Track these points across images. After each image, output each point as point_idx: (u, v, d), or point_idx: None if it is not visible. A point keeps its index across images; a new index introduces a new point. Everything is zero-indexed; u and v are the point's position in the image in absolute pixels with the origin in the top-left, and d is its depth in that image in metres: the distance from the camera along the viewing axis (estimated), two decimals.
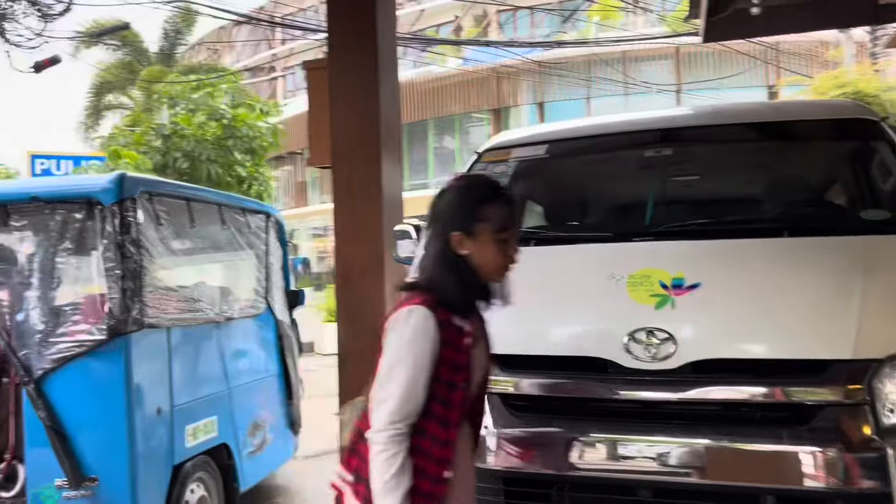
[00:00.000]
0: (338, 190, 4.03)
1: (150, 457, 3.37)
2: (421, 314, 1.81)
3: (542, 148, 3.59)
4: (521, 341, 2.70)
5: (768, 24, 6.89)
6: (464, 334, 1.86)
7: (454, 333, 1.84)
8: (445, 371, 1.81)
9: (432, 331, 1.80)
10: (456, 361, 1.83)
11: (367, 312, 3.92)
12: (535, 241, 3.08)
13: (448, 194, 1.93)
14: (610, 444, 2.48)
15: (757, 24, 6.75)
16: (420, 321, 1.80)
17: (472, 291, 1.91)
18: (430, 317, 1.80)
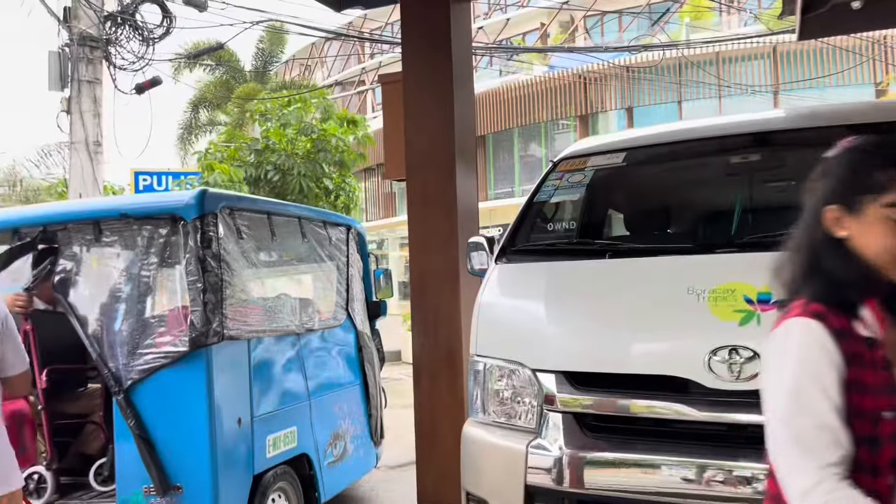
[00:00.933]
0: (412, 202, 4.04)
1: (230, 466, 3.45)
2: (803, 328, 1.35)
3: (619, 156, 3.46)
4: (595, 358, 2.61)
5: (869, 19, 6.47)
6: (875, 345, 1.36)
7: (861, 345, 1.35)
8: (861, 399, 1.32)
9: (828, 347, 1.32)
10: (873, 383, 1.33)
11: (443, 325, 3.90)
12: (611, 253, 2.97)
13: (833, 160, 1.48)
14: (692, 468, 2.35)
15: (856, 18, 6.35)
16: (805, 337, 1.34)
17: (863, 286, 1.40)
18: (817, 328, 1.34)
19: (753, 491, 2.25)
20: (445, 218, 3.92)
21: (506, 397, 2.79)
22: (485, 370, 2.86)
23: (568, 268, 2.96)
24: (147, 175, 11.00)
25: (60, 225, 3.57)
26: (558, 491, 2.52)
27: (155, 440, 3.28)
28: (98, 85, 8.86)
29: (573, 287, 2.87)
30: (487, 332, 2.95)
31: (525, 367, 2.71)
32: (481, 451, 2.83)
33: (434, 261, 3.95)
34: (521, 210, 3.38)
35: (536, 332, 2.80)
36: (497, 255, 3.20)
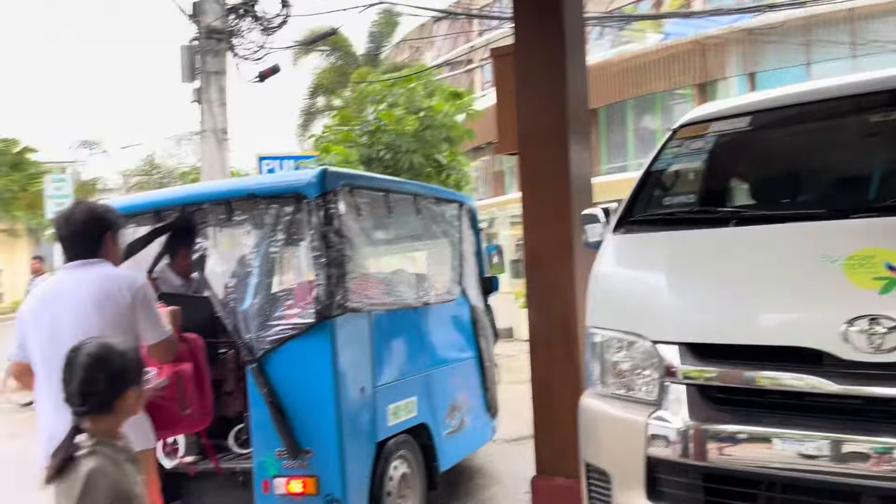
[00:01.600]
0: (525, 176, 4.03)
1: (356, 432, 3.61)
2: None
3: (744, 120, 3.31)
4: (720, 329, 2.53)
5: None
6: None
7: None
8: None
9: None
10: None
11: (557, 299, 3.89)
12: (738, 220, 2.85)
13: None
14: (828, 443, 2.24)
15: None
16: None
17: None
18: None
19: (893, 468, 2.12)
20: (559, 191, 3.89)
21: (624, 369, 2.75)
22: (602, 342, 2.83)
23: (690, 237, 2.87)
24: (270, 160, 11.54)
25: (195, 206, 3.82)
26: (681, 463, 2.47)
27: (285, 407, 3.47)
28: (224, 75, 9.35)
29: (696, 256, 2.79)
30: (604, 304, 2.92)
31: (644, 338, 2.66)
32: (600, 422, 2.81)
33: (548, 235, 3.93)
34: (639, 179, 3.30)
35: (657, 302, 2.74)
36: (614, 226, 3.14)
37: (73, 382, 2.05)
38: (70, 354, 2.09)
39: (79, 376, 2.04)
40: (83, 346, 2.11)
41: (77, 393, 2.04)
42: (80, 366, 2.05)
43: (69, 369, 2.07)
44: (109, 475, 1.97)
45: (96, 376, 2.05)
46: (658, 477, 2.55)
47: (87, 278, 2.74)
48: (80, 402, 2.05)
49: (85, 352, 2.08)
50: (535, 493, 3.99)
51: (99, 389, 2.05)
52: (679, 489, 2.49)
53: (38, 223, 26.28)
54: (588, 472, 2.87)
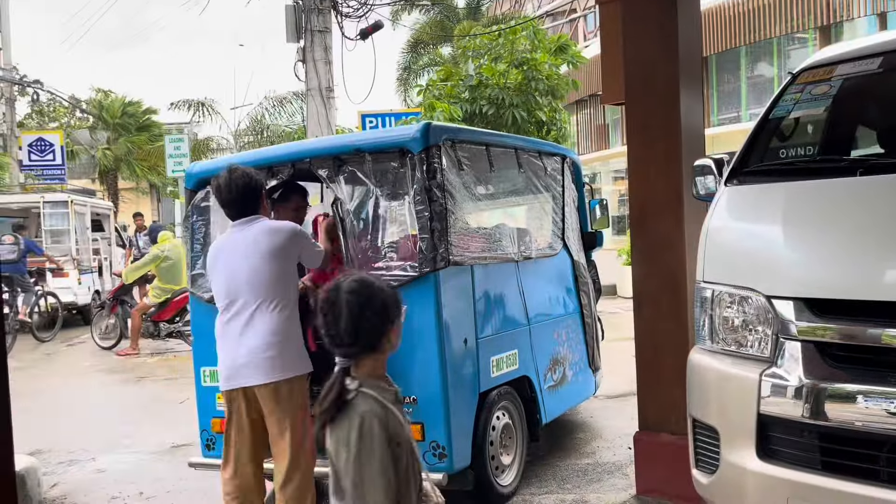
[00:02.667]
0: (632, 126, 3.90)
1: (459, 382, 3.69)
2: None
3: (874, 61, 3.06)
4: (840, 284, 2.40)
5: None
6: None
7: None
8: None
9: None
10: None
11: (665, 252, 3.78)
12: (864, 170, 2.67)
13: None
14: None
15: None
16: None
17: None
18: None
19: None
20: (669, 142, 3.75)
21: (736, 325, 2.67)
22: (713, 297, 2.75)
23: (810, 187, 2.72)
24: (373, 117, 11.72)
25: (305, 161, 3.95)
26: (797, 422, 2.38)
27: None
28: (328, 34, 9.52)
29: (816, 208, 2.64)
30: (717, 258, 2.82)
31: (759, 293, 2.56)
32: (710, 378, 2.75)
33: (656, 187, 3.81)
34: (755, 127, 3.13)
35: (772, 256, 2.62)
36: (727, 177, 3.01)
37: (339, 322, 1.88)
38: (331, 294, 1.92)
39: (346, 315, 1.88)
40: (343, 284, 1.94)
41: (347, 332, 1.88)
42: (346, 304, 1.88)
43: (332, 309, 1.90)
44: (382, 417, 1.86)
45: (365, 314, 1.89)
46: (771, 435, 2.47)
47: (256, 233, 3.35)
48: (350, 342, 1.89)
49: (348, 290, 1.91)
50: (639, 448, 3.96)
51: (368, 327, 1.90)
52: (794, 449, 2.41)
53: (160, 180, 27.93)
54: (695, 429, 2.82)
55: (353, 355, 1.92)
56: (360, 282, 1.96)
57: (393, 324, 1.98)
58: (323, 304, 1.94)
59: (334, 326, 1.91)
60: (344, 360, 1.92)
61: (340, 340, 1.91)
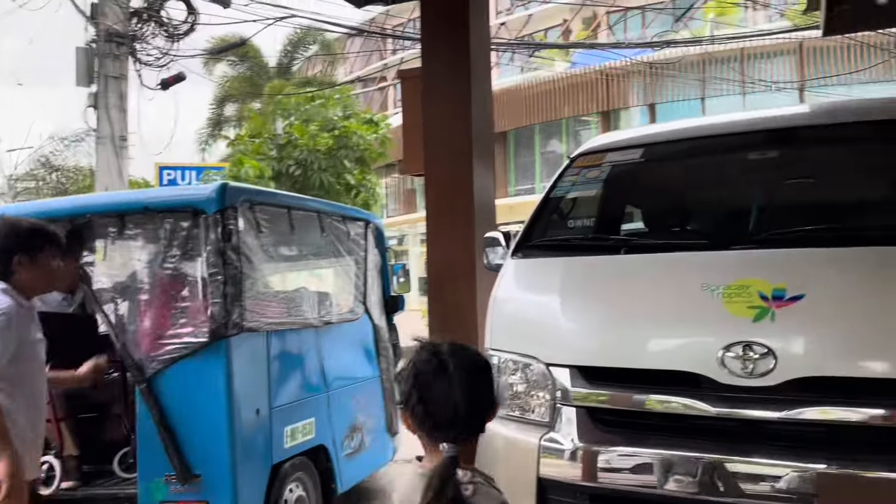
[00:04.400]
0: (430, 197, 4.07)
1: (249, 456, 3.51)
2: None
3: (637, 151, 3.47)
4: (608, 353, 2.62)
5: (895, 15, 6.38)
6: None
7: None
8: None
9: None
10: None
11: (459, 318, 3.93)
12: (628, 248, 2.97)
13: None
14: (705, 465, 2.35)
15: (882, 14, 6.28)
16: None
17: None
18: None
19: (770, 487, 2.24)
20: (462, 213, 3.95)
21: (519, 391, 2.81)
22: (499, 364, 2.88)
23: (583, 263, 2.97)
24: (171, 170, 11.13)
25: (86, 217, 3.65)
26: (571, 484, 2.53)
27: (176, 429, 3.34)
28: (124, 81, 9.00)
29: (588, 282, 2.88)
30: (502, 327, 2.97)
31: (539, 361, 2.73)
32: (494, 443, 2.84)
33: (451, 255, 3.98)
34: (538, 206, 3.39)
35: (551, 326, 2.81)
36: (513, 250, 3.21)
37: (452, 397, 1.55)
38: (431, 363, 1.59)
39: (463, 389, 1.55)
40: (444, 350, 1.62)
41: (466, 414, 1.56)
42: (460, 376, 1.57)
43: (437, 380, 1.57)
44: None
45: (484, 392, 1.62)
46: (549, 498, 2.60)
47: None
48: (465, 420, 1.56)
49: (456, 358, 1.59)
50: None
51: (485, 407, 1.62)
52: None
53: None
54: None
55: (464, 440, 1.58)
56: (466, 348, 1.68)
57: (497, 401, 1.69)
58: (422, 375, 1.59)
59: (442, 403, 1.55)
60: (452, 446, 1.54)
61: (451, 421, 1.56)
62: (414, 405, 1.59)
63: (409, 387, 1.60)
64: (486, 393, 1.63)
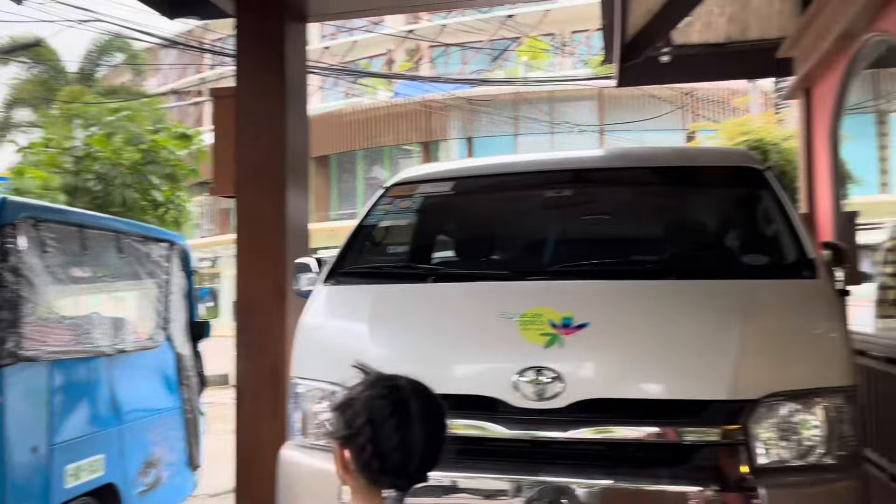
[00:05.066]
0: (241, 220, 3.95)
1: (22, 499, 3.16)
2: None
3: (448, 184, 3.61)
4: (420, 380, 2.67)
5: (677, 72, 7.23)
6: None
7: None
8: None
9: None
10: None
11: (268, 346, 3.83)
12: (434, 277, 3.08)
13: None
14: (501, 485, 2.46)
15: (667, 71, 7.08)
16: None
17: None
18: None
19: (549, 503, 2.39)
20: (274, 237, 3.87)
21: (325, 419, 2.79)
22: (305, 393, 2.84)
23: (391, 291, 3.03)
24: None
25: None
26: None
27: None
28: None
29: (395, 310, 2.94)
30: (309, 354, 2.94)
31: (345, 388, 2.72)
32: (298, 473, 2.80)
33: (261, 281, 3.88)
34: (351, 233, 3.41)
35: (358, 353, 2.79)
36: (325, 277, 3.20)
37: (410, 445, 1.39)
38: (388, 399, 1.43)
39: (421, 431, 1.41)
40: (404, 385, 1.46)
41: (421, 456, 1.41)
42: (420, 417, 1.42)
43: (392, 420, 1.40)
44: None
45: (442, 439, 1.47)
46: None
47: None
48: (418, 468, 1.41)
49: (418, 396, 1.45)
50: None
51: (440, 451, 1.45)
52: None
53: None
54: None
55: (410, 486, 1.45)
56: (427, 388, 1.51)
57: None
58: (377, 412, 1.42)
59: (396, 446, 1.39)
60: (398, 494, 1.44)
61: (403, 467, 1.40)
62: (362, 445, 1.42)
63: (361, 423, 1.43)
64: (444, 439, 1.49)
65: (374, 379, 1.52)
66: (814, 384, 2.44)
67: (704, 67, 7.24)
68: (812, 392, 2.43)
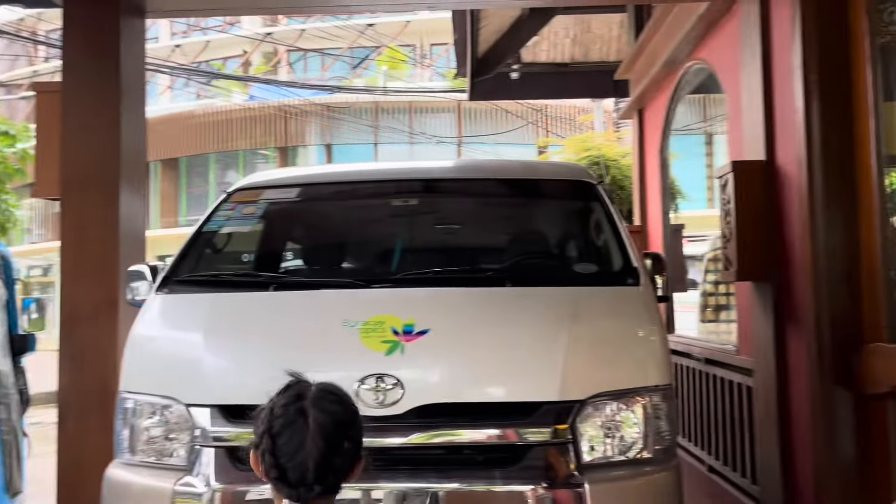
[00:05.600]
0: (67, 224, 3.67)
1: None
2: None
3: (294, 191, 3.56)
4: (250, 390, 2.59)
5: (526, 88, 7.57)
6: None
7: None
8: None
9: None
10: None
11: (95, 361, 3.58)
12: (276, 286, 3.01)
13: None
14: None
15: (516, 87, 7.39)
16: None
17: None
18: None
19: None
20: (104, 243, 3.62)
21: (156, 435, 2.65)
22: (135, 407, 2.69)
23: (230, 300, 2.94)
24: None
25: None
26: None
27: None
28: None
29: (234, 319, 2.85)
30: (140, 367, 2.79)
31: (179, 402, 2.60)
32: (125, 493, 2.64)
33: (89, 289, 3.62)
34: (189, 239, 3.27)
35: (193, 365, 2.71)
36: (158, 286, 3.05)
37: (304, 450, 1.37)
38: (288, 407, 1.43)
39: (318, 442, 1.38)
40: (308, 393, 1.45)
41: (315, 468, 1.37)
42: (319, 426, 1.39)
43: (290, 429, 1.40)
44: None
45: (345, 449, 1.43)
46: None
47: None
48: (314, 480, 1.37)
49: (320, 405, 1.42)
50: None
51: (344, 466, 1.42)
52: None
53: None
54: None
55: (311, 500, 1.40)
56: (336, 393, 1.50)
57: (361, 457, 1.50)
58: (277, 420, 1.42)
59: (292, 456, 1.38)
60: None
61: (300, 478, 1.38)
62: (264, 452, 1.44)
63: (261, 432, 1.45)
64: (350, 449, 1.47)
65: (287, 386, 1.54)
66: (635, 384, 2.62)
67: (551, 85, 7.62)
68: (633, 391, 2.60)
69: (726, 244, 3.56)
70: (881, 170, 2.91)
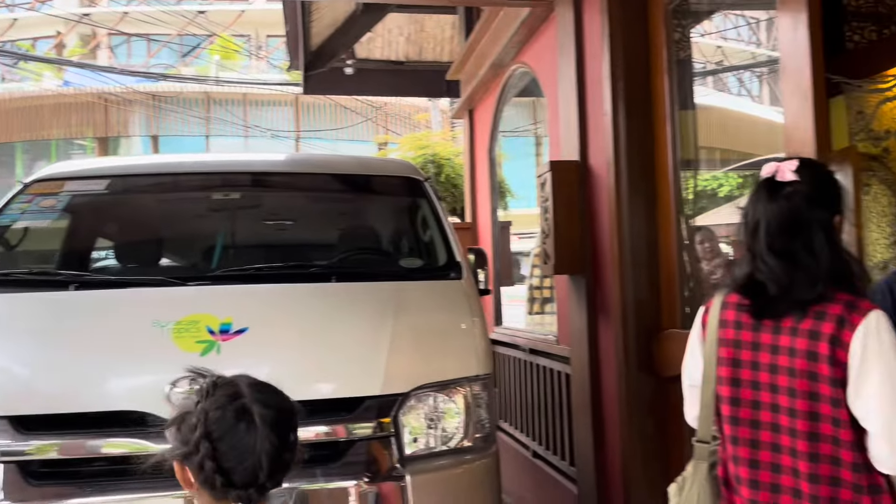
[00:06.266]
0: None
1: None
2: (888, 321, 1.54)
3: (102, 182, 3.30)
4: (44, 399, 2.38)
5: (360, 85, 7.55)
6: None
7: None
8: None
9: None
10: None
11: None
12: (79, 284, 2.77)
13: (828, 178, 1.65)
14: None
15: (351, 82, 7.34)
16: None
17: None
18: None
19: None
20: None
21: None
22: None
23: (25, 300, 2.67)
24: None
25: None
26: None
27: None
28: None
29: (25, 322, 2.59)
30: None
31: None
32: None
33: None
34: None
35: None
36: None
37: (256, 455, 1.30)
38: (233, 407, 1.33)
39: (266, 439, 1.31)
40: (245, 391, 1.36)
41: (269, 465, 1.31)
42: (265, 422, 1.32)
43: (253, 434, 1.31)
44: None
45: (291, 442, 1.37)
46: None
47: None
48: (267, 478, 1.31)
49: (261, 400, 1.34)
50: None
51: (291, 456, 1.37)
52: None
53: None
54: None
55: (258, 498, 1.34)
56: (269, 385, 1.42)
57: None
58: (215, 423, 1.32)
59: (241, 458, 1.31)
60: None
61: (252, 479, 1.31)
62: (200, 462, 1.31)
63: (198, 437, 1.32)
64: (294, 441, 1.39)
65: (210, 386, 1.41)
66: (456, 375, 2.69)
67: (385, 82, 7.64)
68: (454, 382, 2.67)
69: (545, 240, 3.74)
70: (677, 172, 3.18)
